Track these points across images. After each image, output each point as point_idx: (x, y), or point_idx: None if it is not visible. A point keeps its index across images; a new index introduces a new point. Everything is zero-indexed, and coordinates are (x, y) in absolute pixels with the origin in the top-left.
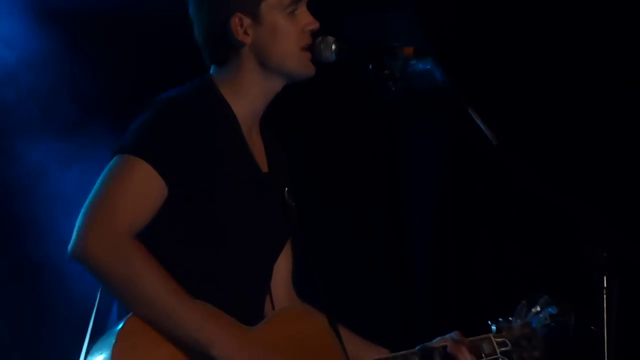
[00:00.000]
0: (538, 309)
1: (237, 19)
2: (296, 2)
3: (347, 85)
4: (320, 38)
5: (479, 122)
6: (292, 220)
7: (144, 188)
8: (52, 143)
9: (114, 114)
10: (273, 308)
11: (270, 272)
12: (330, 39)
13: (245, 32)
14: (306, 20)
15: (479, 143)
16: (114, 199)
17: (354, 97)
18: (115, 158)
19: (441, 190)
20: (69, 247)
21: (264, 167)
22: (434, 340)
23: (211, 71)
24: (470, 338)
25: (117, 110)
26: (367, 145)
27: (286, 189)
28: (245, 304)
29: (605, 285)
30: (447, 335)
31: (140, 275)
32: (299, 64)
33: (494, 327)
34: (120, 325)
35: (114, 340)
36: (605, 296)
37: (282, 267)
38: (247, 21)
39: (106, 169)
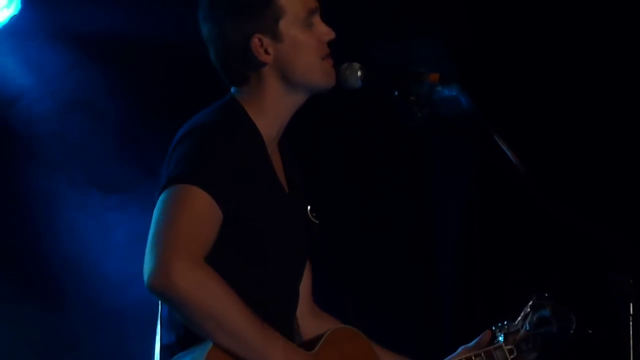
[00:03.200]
0: (538, 312)
1: (256, 40)
2: (311, 14)
3: (374, 111)
4: (346, 65)
5: (504, 148)
6: (315, 238)
7: (206, 215)
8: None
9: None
10: (297, 325)
11: (298, 290)
12: (356, 65)
13: (266, 52)
14: (323, 30)
15: (505, 169)
16: (186, 230)
17: (381, 123)
18: (171, 188)
19: (467, 216)
20: (148, 278)
21: (285, 186)
22: (458, 350)
23: (232, 91)
24: (484, 349)
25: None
26: (394, 172)
27: (308, 207)
28: (281, 323)
29: (631, 311)
30: (470, 344)
31: (226, 307)
32: (322, 74)
33: (501, 338)
34: (203, 357)
35: None
36: (631, 322)
37: (304, 284)
38: (266, 41)
39: (165, 199)
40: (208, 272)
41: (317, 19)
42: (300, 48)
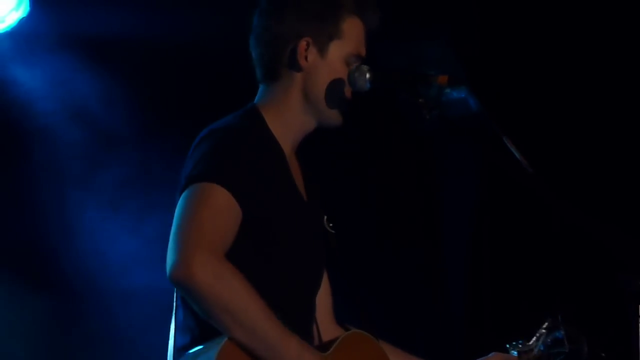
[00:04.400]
0: (552, 333)
1: (304, 43)
2: (357, 57)
3: (382, 113)
4: (354, 67)
5: (513, 149)
6: (332, 247)
7: (226, 211)
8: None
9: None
10: (319, 333)
11: (314, 296)
12: (365, 67)
13: (306, 58)
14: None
15: (513, 171)
16: (208, 225)
17: (389, 124)
18: (192, 187)
19: (476, 217)
20: (170, 270)
21: (303, 193)
22: None
23: (255, 101)
24: None
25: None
26: (402, 173)
27: (325, 216)
28: (296, 326)
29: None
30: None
31: (244, 302)
32: (337, 110)
33: (515, 353)
34: (217, 350)
35: None
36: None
37: (323, 295)
38: (312, 49)
39: (186, 197)
40: (228, 266)
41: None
42: (333, 75)
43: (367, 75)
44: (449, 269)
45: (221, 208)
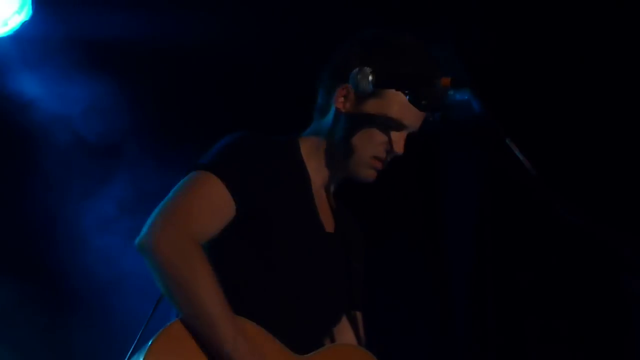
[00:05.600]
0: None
1: (345, 88)
2: (401, 125)
3: None
4: (357, 69)
5: (516, 152)
6: (355, 284)
7: (216, 202)
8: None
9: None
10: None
11: (322, 320)
12: (368, 69)
13: (344, 105)
14: (396, 141)
15: (517, 173)
16: (189, 206)
17: None
18: (191, 173)
19: (479, 220)
20: (138, 238)
21: (328, 227)
22: None
23: (303, 134)
24: None
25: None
26: (405, 176)
27: (353, 255)
28: (287, 340)
29: None
30: None
31: (198, 280)
32: (361, 162)
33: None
34: (165, 326)
35: (152, 340)
36: None
37: (348, 336)
38: (351, 97)
39: (184, 180)
40: (195, 248)
41: (401, 134)
42: (366, 128)
43: (370, 78)
44: (452, 272)
45: (211, 197)
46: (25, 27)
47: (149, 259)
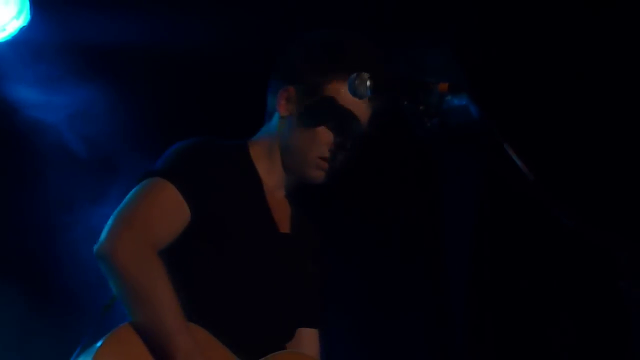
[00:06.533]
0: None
1: (286, 92)
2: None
3: (383, 120)
4: (355, 74)
5: (514, 157)
6: (311, 286)
7: (171, 209)
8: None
9: None
10: None
11: (280, 323)
12: (365, 75)
13: (287, 108)
14: (342, 143)
15: (515, 178)
16: (146, 213)
17: (390, 133)
18: (144, 181)
19: (477, 226)
20: (96, 245)
21: (283, 228)
22: None
23: (252, 138)
24: None
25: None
26: (403, 181)
27: (310, 257)
28: (243, 345)
29: None
30: None
31: (155, 288)
32: (307, 164)
33: None
34: (114, 330)
35: (101, 342)
36: None
37: (308, 350)
38: (293, 100)
39: (138, 187)
40: (152, 255)
41: (346, 134)
42: (310, 130)
43: (368, 83)
44: (450, 277)
45: (165, 203)
46: (23, 33)
47: (107, 265)
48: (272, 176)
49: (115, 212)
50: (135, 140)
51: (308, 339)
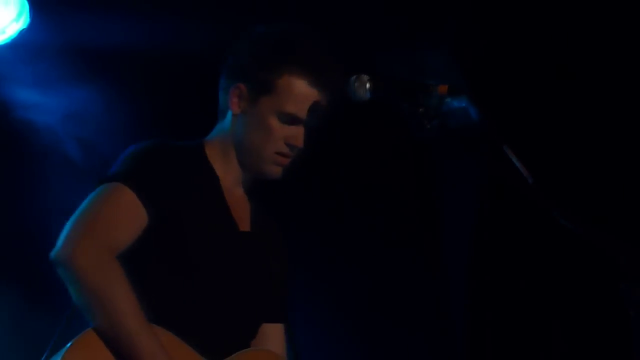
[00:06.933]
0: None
1: (237, 89)
2: (296, 122)
3: (382, 122)
4: (355, 76)
5: (514, 159)
6: (273, 284)
7: (128, 212)
8: None
9: None
10: None
11: (244, 322)
12: (365, 77)
13: (239, 105)
14: (297, 137)
15: (515, 181)
16: (103, 218)
17: (389, 135)
18: (101, 186)
19: (477, 228)
20: (54, 251)
21: (243, 226)
22: None
23: (207, 137)
24: None
25: None
26: (403, 183)
27: (271, 254)
28: (208, 346)
29: None
30: None
31: (114, 292)
32: (264, 161)
33: None
34: (79, 336)
35: (67, 347)
36: None
37: (275, 346)
38: (246, 97)
39: (94, 192)
40: (111, 259)
41: (300, 128)
42: (261, 127)
43: (368, 85)
44: (449, 279)
45: (122, 207)
46: (22, 36)
47: (66, 271)
48: (229, 174)
49: (72, 218)
50: (134, 143)
51: (274, 334)
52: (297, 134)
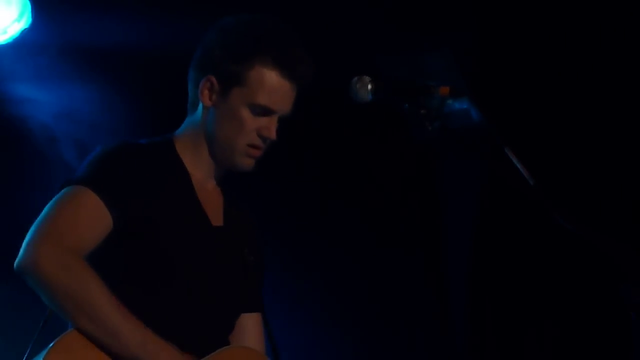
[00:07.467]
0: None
1: (208, 81)
2: (268, 113)
3: (384, 124)
4: (356, 78)
5: (515, 161)
6: (251, 278)
7: (91, 215)
8: None
9: None
10: None
11: (222, 317)
12: (367, 78)
13: (210, 98)
14: (269, 129)
15: (515, 182)
16: (64, 221)
17: (391, 136)
18: (64, 189)
19: (478, 229)
20: (17, 261)
21: (216, 221)
22: None
23: (176, 131)
24: None
25: None
26: (404, 185)
27: (246, 246)
28: (181, 344)
29: None
30: None
31: (89, 290)
32: (236, 153)
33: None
34: (60, 337)
35: (49, 347)
36: None
37: (253, 337)
38: (217, 89)
39: (56, 196)
40: (77, 259)
41: (272, 119)
42: (233, 119)
43: (369, 87)
44: (450, 279)
45: (85, 210)
46: (24, 35)
47: (33, 278)
48: (199, 168)
49: (34, 224)
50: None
51: (251, 324)
52: (269, 125)
